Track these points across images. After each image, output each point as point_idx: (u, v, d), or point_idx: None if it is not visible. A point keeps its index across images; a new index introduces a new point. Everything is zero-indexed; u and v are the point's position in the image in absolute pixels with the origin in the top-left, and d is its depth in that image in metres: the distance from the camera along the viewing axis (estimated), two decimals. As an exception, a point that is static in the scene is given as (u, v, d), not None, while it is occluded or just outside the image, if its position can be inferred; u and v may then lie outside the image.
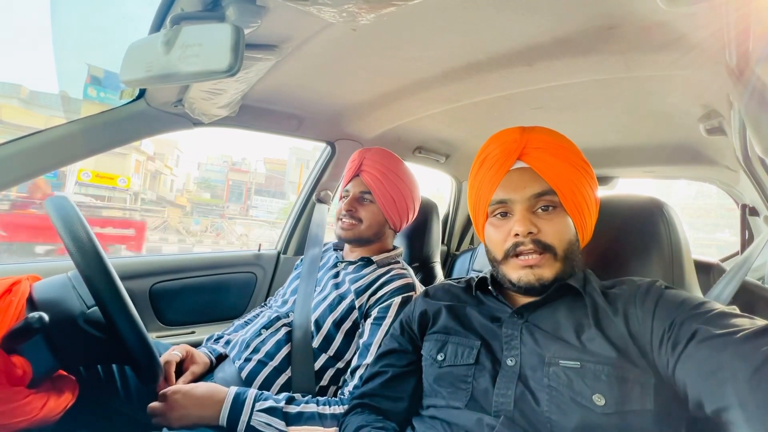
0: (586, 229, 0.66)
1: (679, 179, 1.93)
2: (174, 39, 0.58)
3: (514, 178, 0.65)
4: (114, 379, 0.87)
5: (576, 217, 0.64)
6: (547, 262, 0.61)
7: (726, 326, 0.47)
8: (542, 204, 0.63)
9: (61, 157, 0.92)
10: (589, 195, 0.65)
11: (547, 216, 0.63)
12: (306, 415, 0.76)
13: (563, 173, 0.63)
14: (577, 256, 0.65)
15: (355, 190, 1.07)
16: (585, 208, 0.64)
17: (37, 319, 0.60)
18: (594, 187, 0.67)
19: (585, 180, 0.65)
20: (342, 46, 0.86)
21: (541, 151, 0.64)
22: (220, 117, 1.07)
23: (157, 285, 1.28)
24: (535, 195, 0.63)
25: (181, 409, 0.76)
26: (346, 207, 1.05)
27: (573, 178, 0.64)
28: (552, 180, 0.63)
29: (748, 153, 1.00)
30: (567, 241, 0.62)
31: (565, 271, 0.62)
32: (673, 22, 0.68)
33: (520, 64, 0.89)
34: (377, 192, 1.04)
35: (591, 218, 0.66)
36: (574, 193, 0.63)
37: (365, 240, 1.06)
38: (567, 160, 0.64)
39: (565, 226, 0.63)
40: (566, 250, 0.62)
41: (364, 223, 1.04)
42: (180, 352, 0.93)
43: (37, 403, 0.63)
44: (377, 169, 1.05)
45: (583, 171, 0.65)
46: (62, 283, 0.72)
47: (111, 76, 13.67)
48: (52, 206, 0.66)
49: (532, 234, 0.61)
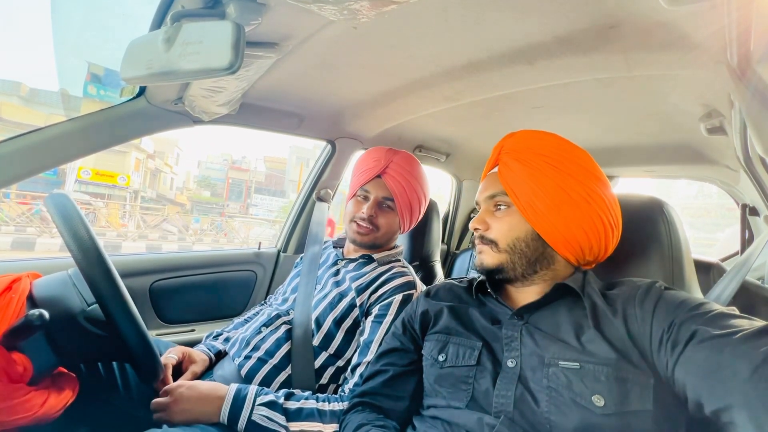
0: (555, 231, 0.65)
1: (679, 179, 1.94)
2: (174, 36, 0.58)
3: (486, 182, 0.74)
4: (114, 376, 0.87)
5: (529, 215, 0.65)
6: (488, 252, 0.69)
7: (725, 327, 0.48)
8: (498, 204, 0.70)
9: (61, 155, 0.92)
10: (554, 195, 0.64)
11: (498, 214, 0.70)
12: (306, 411, 0.76)
13: (520, 176, 0.67)
14: (538, 251, 0.66)
15: (377, 194, 1.02)
16: (545, 207, 0.64)
17: (38, 316, 0.60)
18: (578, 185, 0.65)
19: (555, 179, 0.64)
20: (343, 44, 0.86)
21: (509, 156, 0.69)
22: (221, 115, 1.07)
23: (157, 283, 1.28)
24: (489, 196, 0.71)
25: (184, 403, 0.76)
26: (368, 212, 1.00)
27: (533, 181, 0.65)
28: (506, 182, 0.69)
29: (748, 153, 1.00)
30: (513, 237, 0.67)
31: (513, 263, 0.67)
32: (674, 21, 0.68)
33: (521, 63, 0.89)
34: (399, 200, 1.01)
35: (562, 218, 0.64)
36: (529, 195, 0.65)
37: (378, 246, 1.05)
38: (531, 164, 0.66)
39: (513, 224, 0.68)
40: (510, 244, 0.67)
41: (381, 230, 1.02)
42: (176, 354, 0.93)
43: (38, 400, 0.63)
44: (403, 176, 1.01)
45: (557, 170, 0.65)
46: (62, 281, 0.72)
47: (111, 73, 13.67)
48: (52, 203, 0.66)
49: (478, 230, 0.71)
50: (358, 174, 1.06)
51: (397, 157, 1.04)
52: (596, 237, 0.65)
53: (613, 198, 0.67)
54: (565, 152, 0.67)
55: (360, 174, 1.05)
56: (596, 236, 0.65)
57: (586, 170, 0.66)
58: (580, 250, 0.66)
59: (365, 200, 1.03)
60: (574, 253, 0.66)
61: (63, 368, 0.74)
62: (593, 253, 0.67)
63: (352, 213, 1.04)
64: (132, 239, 12.13)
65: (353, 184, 1.07)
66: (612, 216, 0.66)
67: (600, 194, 0.65)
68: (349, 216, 1.05)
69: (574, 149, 0.68)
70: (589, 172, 0.66)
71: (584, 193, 0.64)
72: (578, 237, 0.64)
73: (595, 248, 0.66)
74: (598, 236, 0.65)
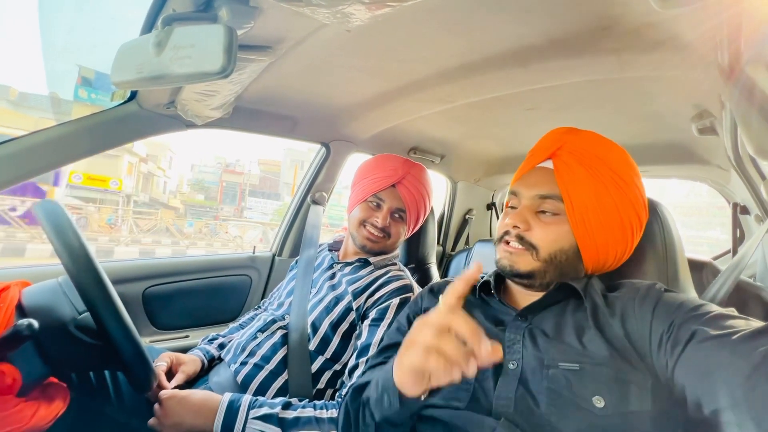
0: (594, 248, 0.63)
1: (671, 178, 1.96)
2: (166, 40, 0.58)
3: (533, 175, 0.67)
4: (106, 385, 0.86)
5: (579, 230, 0.62)
6: (524, 256, 0.63)
7: (724, 327, 0.48)
8: (546, 206, 0.64)
9: (52, 160, 0.90)
10: (609, 214, 0.62)
11: (546, 219, 0.64)
12: (303, 420, 0.76)
13: (582, 183, 0.61)
14: (571, 265, 0.65)
15: (391, 204, 1.03)
16: (598, 225, 0.61)
17: (27, 326, 0.58)
18: (629, 206, 0.63)
19: (615, 198, 0.61)
20: (336, 47, 0.85)
21: (571, 156, 0.64)
22: (214, 119, 1.06)
23: (150, 289, 1.27)
24: (541, 196, 0.64)
25: (175, 416, 0.75)
26: (382, 222, 1.01)
27: (592, 192, 0.61)
28: (564, 186, 0.63)
29: (739, 152, 1.01)
30: (557, 248, 0.63)
31: (545, 272, 0.63)
32: (665, 22, 0.68)
33: (514, 65, 0.89)
34: (411, 212, 1.04)
35: (604, 238, 0.62)
36: (586, 207, 0.61)
37: (383, 253, 1.06)
38: (595, 172, 0.61)
39: (560, 234, 0.63)
40: (552, 254, 0.63)
41: (391, 239, 1.04)
42: (164, 361, 0.92)
43: (28, 412, 0.61)
44: (417, 189, 1.04)
45: (619, 189, 0.62)
46: (52, 289, 0.71)
47: (102, 77, 13.55)
48: (41, 211, 0.65)
49: (518, 229, 0.64)
50: (372, 180, 1.05)
51: (414, 170, 1.06)
52: (621, 254, 0.66)
53: (646, 217, 0.66)
54: (626, 166, 0.64)
55: (374, 180, 1.04)
56: (621, 253, 0.66)
57: (638, 188, 0.64)
58: (603, 264, 0.66)
59: (378, 208, 1.04)
60: (596, 266, 0.66)
61: (54, 378, 0.72)
62: (607, 266, 0.68)
63: (363, 218, 1.03)
64: (125, 244, 12.00)
65: (365, 189, 1.05)
66: (640, 236, 0.66)
67: (640, 216, 0.64)
68: (358, 220, 1.04)
69: (634, 166, 0.66)
70: (640, 190, 0.64)
71: (632, 215, 0.63)
72: (609, 254, 0.64)
73: (613, 264, 0.67)
74: (623, 253, 0.66)
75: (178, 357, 0.95)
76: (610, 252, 0.64)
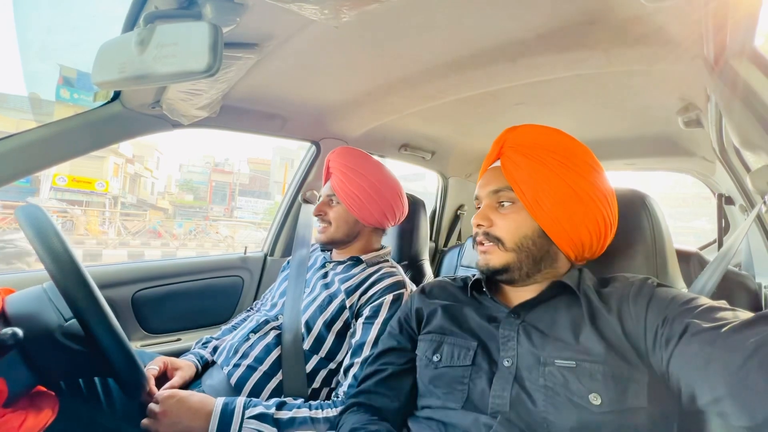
0: (560, 229, 0.64)
1: (658, 170, 1.99)
2: (149, 38, 0.56)
3: (487, 176, 0.72)
4: (97, 392, 0.84)
5: (535, 212, 0.64)
6: (494, 251, 0.67)
7: (716, 320, 0.48)
8: (502, 200, 0.68)
9: (34, 163, 0.88)
10: (562, 192, 0.63)
11: (503, 211, 0.68)
12: (298, 419, 0.75)
13: (526, 171, 0.65)
14: (543, 250, 0.66)
15: (323, 193, 1.08)
16: (552, 203, 0.63)
17: (11, 335, 0.57)
18: (583, 181, 0.64)
19: (563, 177, 0.63)
20: (324, 44, 0.84)
21: (513, 150, 0.68)
22: (200, 118, 1.04)
23: (139, 292, 1.24)
24: (493, 191, 0.68)
25: (173, 416, 0.74)
26: (315, 212, 1.06)
27: (539, 176, 0.64)
28: (511, 177, 0.66)
29: (723, 144, 1.03)
30: (520, 235, 0.65)
31: (520, 263, 0.65)
32: (652, 16, 0.69)
33: (503, 60, 0.89)
34: (340, 192, 1.03)
35: (567, 216, 0.63)
36: (535, 190, 0.63)
37: (339, 242, 1.05)
38: (537, 159, 0.64)
39: (519, 221, 0.66)
40: (517, 243, 0.65)
41: (333, 225, 1.04)
42: (156, 365, 0.91)
43: (15, 423, 0.60)
44: (339, 170, 1.04)
45: (566, 167, 0.64)
46: (37, 296, 0.69)
47: (84, 77, 13.21)
48: (23, 215, 0.63)
49: (482, 226, 0.68)
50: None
51: (334, 154, 1.07)
52: (597, 233, 0.66)
53: (612, 194, 0.68)
54: (569, 147, 0.67)
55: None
56: (597, 233, 0.66)
57: (589, 166, 0.66)
58: (582, 246, 0.66)
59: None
60: (575, 250, 0.66)
61: (42, 387, 0.71)
62: (591, 250, 0.68)
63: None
64: (113, 247, 11.80)
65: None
66: (611, 212, 0.67)
67: (602, 190, 0.65)
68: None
69: (578, 145, 0.68)
70: (592, 167, 0.66)
71: (589, 189, 0.64)
72: (581, 234, 0.65)
73: (594, 245, 0.67)
74: (599, 233, 0.66)
75: (173, 362, 0.93)
76: (582, 232, 0.64)
